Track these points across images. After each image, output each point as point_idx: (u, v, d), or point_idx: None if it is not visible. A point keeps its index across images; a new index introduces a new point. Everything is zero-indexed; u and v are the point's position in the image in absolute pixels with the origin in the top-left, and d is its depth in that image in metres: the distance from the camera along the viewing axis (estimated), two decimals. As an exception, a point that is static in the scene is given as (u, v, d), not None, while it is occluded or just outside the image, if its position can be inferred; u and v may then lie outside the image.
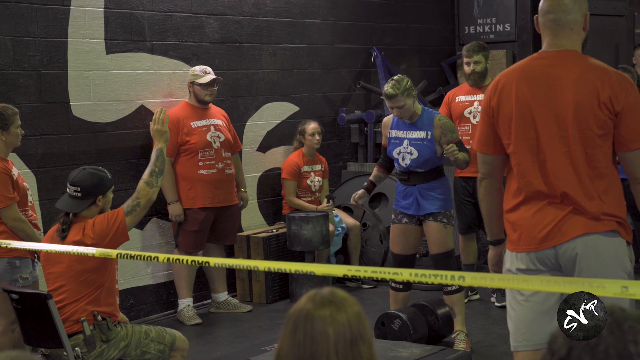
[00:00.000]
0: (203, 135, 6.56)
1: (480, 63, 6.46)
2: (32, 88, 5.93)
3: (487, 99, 3.46)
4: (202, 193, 6.52)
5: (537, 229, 3.30)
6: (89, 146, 6.26)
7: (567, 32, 3.35)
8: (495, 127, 3.43)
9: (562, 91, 3.29)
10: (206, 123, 6.62)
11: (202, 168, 6.54)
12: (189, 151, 6.52)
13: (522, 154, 3.35)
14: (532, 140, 3.33)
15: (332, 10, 8.09)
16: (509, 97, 3.37)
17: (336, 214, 7.40)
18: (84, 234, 4.22)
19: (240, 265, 3.54)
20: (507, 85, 3.40)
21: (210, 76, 6.55)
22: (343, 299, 2.01)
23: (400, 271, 3.15)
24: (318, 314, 1.98)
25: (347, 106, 8.25)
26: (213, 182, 6.56)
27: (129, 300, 6.53)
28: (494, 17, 9.14)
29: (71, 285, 4.20)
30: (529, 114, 3.33)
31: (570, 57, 3.34)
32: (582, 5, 3.37)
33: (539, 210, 3.32)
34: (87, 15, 6.20)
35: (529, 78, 3.36)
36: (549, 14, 3.36)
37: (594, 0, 9.17)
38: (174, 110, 6.50)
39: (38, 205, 5.85)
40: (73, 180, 4.28)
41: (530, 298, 3.34)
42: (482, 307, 6.67)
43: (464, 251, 6.67)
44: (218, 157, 6.60)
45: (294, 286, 6.99)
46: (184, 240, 6.56)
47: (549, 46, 3.38)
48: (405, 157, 5.50)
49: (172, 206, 6.51)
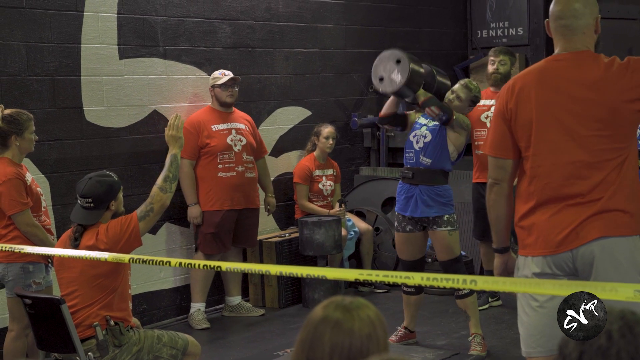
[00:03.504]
0: (223, 138, 6.59)
1: (505, 64, 6.40)
2: (45, 93, 5.96)
3: (504, 102, 3.42)
4: (220, 195, 6.55)
5: (554, 232, 3.28)
6: (102, 151, 6.29)
7: (579, 36, 3.34)
8: (512, 131, 3.41)
9: (584, 92, 3.27)
10: (227, 126, 6.66)
11: (221, 171, 6.57)
12: (209, 154, 6.55)
13: (543, 156, 3.32)
14: (553, 143, 3.30)
15: (344, 15, 8.09)
16: (527, 100, 3.35)
17: (349, 219, 7.39)
18: (97, 239, 4.23)
19: (252, 269, 3.55)
20: (524, 88, 3.37)
21: (228, 76, 6.60)
22: (359, 313, 1.94)
23: (412, 275, 3.15)
24: (325, 319, 1.94)
25: (359, 110, 8.25)
26: (232, 184, 6.58)
27: (142, 305, 6.55)
28: (507, 21, 9.12)
29: (84, 290, 4.21)
30: (550, 116, 3.31)
31: (587, 58, 3.33)
32: (593, 9, 3.36)
33: (556, 213, 3.29)
34: (100, 20, 6.23)
35: (547, 80, 3.35)
36: (560, 20, 3.36)
37: (607, 4, 9.15)
38: (196, 114, 6.62)
39: (51, 210, 5.87)
40: (83, 192, 4.28)
41: (545, 304, 3.31)
42: (495, 311, 6.65)
43: (485, 257, 6.60)
44: (238, 160, 6.62)
45: (306, 291, 6.98)
46: (203, 242, 6.60)
47: (563, 49, 3.37)
48: (420, 140, 5.59)
49: (191, 208, 6.55)
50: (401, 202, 5.62)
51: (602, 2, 10.03)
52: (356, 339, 1.92)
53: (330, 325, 1.93)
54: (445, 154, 5.52)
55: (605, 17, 9.29)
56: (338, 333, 1.92)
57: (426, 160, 5.53)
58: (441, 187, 5.54)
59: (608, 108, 3.25)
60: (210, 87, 6.69)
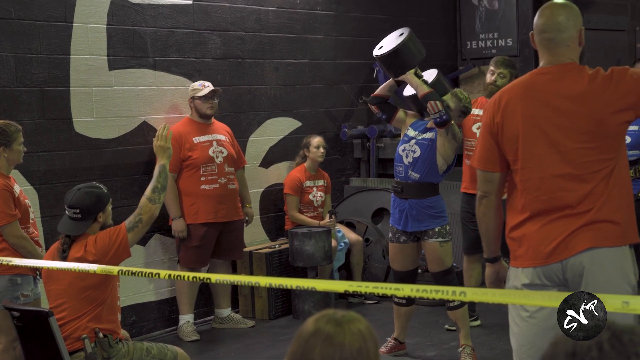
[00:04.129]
0: (205, 150, 6.57)
1: (504, 77, 6.31)
2: (34, 105, 5.94)
3: (490, 116, 3.44)
4: (204, 208, 6.52)
5: (543, 243, 3.29)
6: (91, 163, 6.27)
7: (563, 49, 3.36)
8: (499, 144, 3.42)
9: (569, 105, 3.29)
10: (208, 138, 6.63)
11: (204, 183, 6.54)
12: (191, 166, 6.53)
13: (531, 169, 3.34)
14: (540, 156, 3.32)
15: (334, 26, 8.10)
16: (514, 113, 3.36)
17: (339, 230, 7.39)
18: (85, 251, 4.21)
19: (241, 281, 3.53)
20: (510, 101, 3.39)
21: (209, 88, 6.58)
22: (350, 327, 1.94)
23: (401, 287, 3.14)
24: (316, 332, 1.94)
25: (349, 121, 8.25)
26: (216, 197, 6.56)
27: (131, 317, 6.52)
28: (496, 32, 9.15)
29: (72, 302, 4.19)
30: (536, 129, 3.32)
31: (572, 70, 3.34)
32: (577, 21, 3.38)
33: (545, 225, 3.31)
34: (89, 32, 6.22)
35: (533, 94, 3.36)
36: (544, 33, 3.37)
37: (596, 15, 9.20)
38: (176, 126, 6.52)
39: (40, 222, 5.85)
40: (71, 203, 4.27)
41: (535, 314, 3.32)
42: (485, 322, 6.64)
43: (466, 273, 6.46)
44: (221, 172, 6.60)
45: (296, 302, 6.97)
46: (186, 256, 6.55)
47: (548, 62, 3.39)
48: (409, 154, 5.55)
49: (175, 222, 6.51)
50: (395, 215, 5.62)
51: (591, 14, 10.12)
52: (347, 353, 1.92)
53: (321, 338, 1.93)
54: (434, 169, 5.50)
55: (595, 28, 9.39)
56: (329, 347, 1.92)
57: (415, 175, 5.52)
58: (431, 199, 5.53)
59: (594, 120, 3.26)
60: (189, 98, 6.65)
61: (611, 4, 9.56)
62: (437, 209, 5.54)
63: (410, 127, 5.66)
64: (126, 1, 6.43)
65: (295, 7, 7.72)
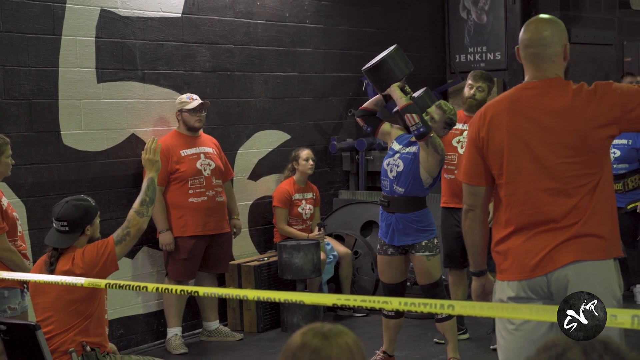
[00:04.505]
0: (193, 163, 6.56)
1: (482, 91, 6.35)
2: (22, 117, 5.93)
3: (476, 129, 3.46)
4: (193, 221, 6.51)
5: (528, 257, 3.31)
6: (79, 175, 6.25)
7: (548, 64, 3.38)
8: (485, 158, 3.43)
9: (553, 120, 3.30)
10: (196, 151, 6.63)
11: (192, 196, 6.53)
12: (179, 179, 6.52)
13: (516, 184, 3.36)
14: (525, 171, 3.34)
15: (323, 39, 8.12)
16: (499, 128, 3.38)
17: (327, 242, 7.39)
18: (73, 264, 4.20)
19: (230, 294, 3.53)
20: (496, 116, 3.41)
21: (197, 101, 6.58)
22: (337, 341, 1.95)
23: (389, 300, 3.14)
24: (304, 346, 1.94)
25: (338, 134, 8.27)
26: (204, 209, 6.55)
27: (119, 330, 6.49)
28: (485, 46, 9.19)
29: (60, 315, 4.17)
30: (521, 144, 3.34)
31: (556, 85, 3.36)
32: (562, 37, 3.40)
33: (530, 238, 3.32)
34: (78, 44, 6.21)
35: (517, 108, 3.38)
36: (529, 48, 3.40)
37: (583, 30, 9.24)
38: (163, 139, 6.51)
39: (28, 235, 5.83)
40: (58, 216, 4.26)
41: (521, 327, 3.34)
42: (473, 335, 6.64)
43: (452, 286, 6.45)
44: (209, 185, 6.60)
45: (285, 315, 6.96)
46: (174, 269, 6.53)
47: (533, 77, 3.41)
48: (393, 169, 5.55)
49: (162, 235, 6.49)
50: (383, 228, 5.63)
51: (579, 28, 10.15)
52: None
53: (308, 352, 1.93)
54: (419, 183, 5.50)
55: (583, 42, 9.42)
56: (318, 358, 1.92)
57: (399, 189, 5.52)
58: (417, 213, 5.53)
59: (578, 135, 3.28)
60: (177, 111, 6.65)
61: (599, 18, 9.61)
62: (424, 222, 5.54)
63: (395, 141, 5.66)
64: (115, 14, 6.43)
65: (284, 20, 7.74)
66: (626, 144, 7.18)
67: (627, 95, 3.27)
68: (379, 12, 8.71)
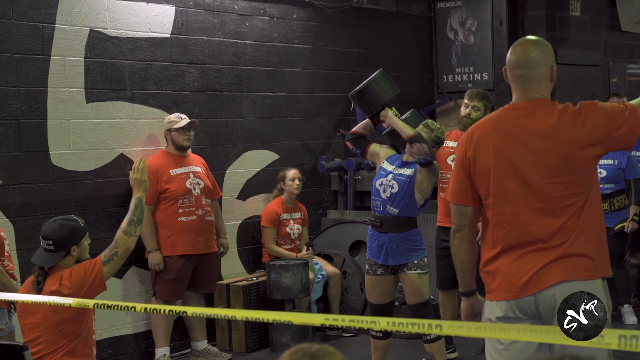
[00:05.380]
0: (182, 182, 6.57)
1: (478, 110, 6.25)
2: (11, 137, 5.93)
3: (463, 150, 3.49)
4: (182, 240, 6.50)
5: (516, 277, 3.32)
6: (68, 195, 6.25)
7: (534, 85, 3.42)
8: (472, 179, 3.46)
9: (538, 141, 3.33)
10: (185, 170, 6.63)
11: (182, 215, 6.53)
12: (169, 199, 6.52)
13: (502, 204, 3.38)
14: (512, 191, 3.36)
15: (311, 59, 8.16)
16: (485, 148, 3.41)
17: (316, 262, 7.39)
18: (60, 284, 4.19)
19: (218, 314, 3.52)
20: (482, 137, 3.44)
21: (186, 120, 6.59)
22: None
23: (378, 320, 3.14)
24: None
25: (327, 154, 8.29)
26: (193, 229, 6.55)
27: (107, 350, 6.47)
28: (472, 67, 9.25)
29: (47, 336, 4.15)
30: (507, 164, 3.36)
31: (542, 106, 3.39)
32: (548, 58, 3.43)
33: (517, 258, 3.34)
34: (67, 64, 6.23)
35: (504, 129, 3.41)
36: (515, 69, 3.43)
37: (570, 50, 9.32)
38: (152, 159, 6.52)
39: (15, 254, 5.81)
40: (45, 234, 4.25)
41: (510, 347, 3.35)
42: (462, 355, 6.64)
43: (442, 306, 6.43)
44: (198, 204, 6.60)
45: (273, 335, 6.95)
46: (162, 288, 6.52)
47: (520, 98, 3.44)
48: (386, 189, 5.56)
49: (151, 255, 6.48)
50: (373, 248, 5.62)
51: (565, 49, 10.23)
52: None
53: None
54: (413, 203, 5.53)
55: (569, 63, 9.48)
56: None
57: (393, 210, 5.54)
58: (410, 233, 5.55)
59: (563, 156, 3.30)
60: (165, 130, 6.66)
61: (585, 40, 9.69)
62: (416, 241, 5.56)
63: (385, 161, 5.68)
64: (104, 34, 6.45)
65: (273, 41, 7.78)
66: (612, 164, 7.22)
67: (612, 115, 3.30)
68: (366, 32, 8.76)
